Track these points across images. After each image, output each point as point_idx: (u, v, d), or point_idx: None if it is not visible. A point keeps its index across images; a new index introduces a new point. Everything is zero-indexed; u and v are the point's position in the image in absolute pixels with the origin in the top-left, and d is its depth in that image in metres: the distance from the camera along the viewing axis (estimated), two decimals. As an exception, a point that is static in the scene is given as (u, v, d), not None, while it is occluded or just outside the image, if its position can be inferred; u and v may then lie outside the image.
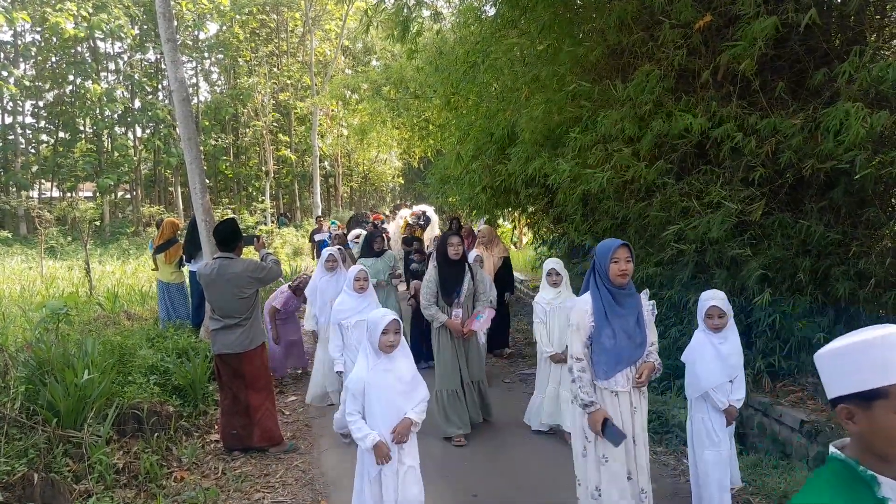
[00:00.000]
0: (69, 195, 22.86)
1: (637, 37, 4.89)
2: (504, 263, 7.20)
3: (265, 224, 22.38)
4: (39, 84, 24.59)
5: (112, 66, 27.03)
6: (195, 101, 26.09)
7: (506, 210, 8.92)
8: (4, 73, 22.57)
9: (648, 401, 3.16)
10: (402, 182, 29.15)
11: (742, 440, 4.39)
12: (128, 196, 27.86)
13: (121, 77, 26.19)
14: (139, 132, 26.70)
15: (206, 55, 27.93)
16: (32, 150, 25.45)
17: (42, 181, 25.89)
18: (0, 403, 3.74)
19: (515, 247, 15.14)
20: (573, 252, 7.12)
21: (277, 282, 6.00)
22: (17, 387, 4.00)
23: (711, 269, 4.69)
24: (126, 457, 4.03)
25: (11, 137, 23.76)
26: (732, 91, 4.42)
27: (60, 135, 25.13)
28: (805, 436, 3.93)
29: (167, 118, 24.09)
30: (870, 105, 3.69)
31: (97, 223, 21.20)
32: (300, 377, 6.61)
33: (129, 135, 26.89)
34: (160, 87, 26.85)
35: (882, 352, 1.15)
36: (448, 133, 10.81)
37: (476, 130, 7.85)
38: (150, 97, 26.06)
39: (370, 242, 6.96)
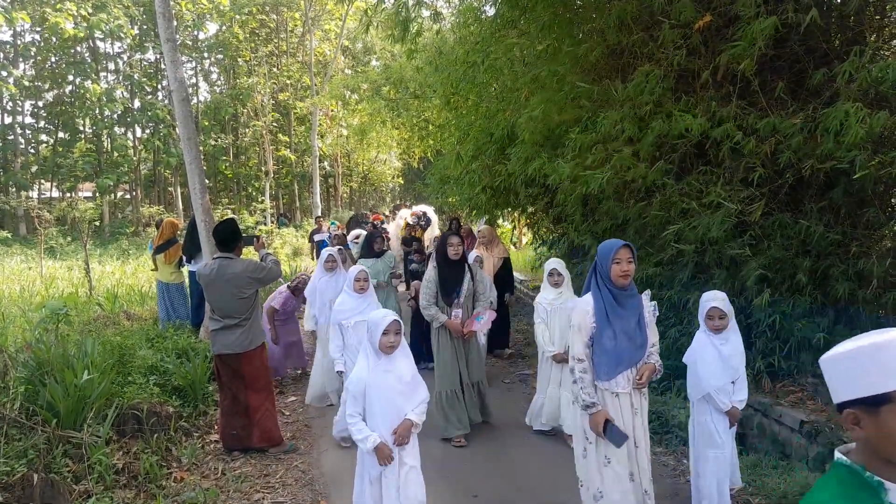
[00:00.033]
0: (69, 195, 22.90)
1: (637, 37, 4.88)
2: (504, 264, 7.20)
3: (265, 224, 22.39)
4: (39, 84, 24.55)
5: (112, 66, 27.03)
6: (195, 101, 26.06)
7: (505, 210, 8.92)
8: (4, 73, 22.54)
9: (648, 401, 3.16)
10: (402, 182, 29.11)
11: (742, 440, 4.38)
12: (127, 196, 27.82)
13: (120, 77, 26.16)
14: (139, 132, 26.67)
15: (206, 55, 27.91)
16: (32, 150, 25.43)
17: (42, 181, 25.86)
18: (0, 404, 3.74)
19: (515, 247, 15.12)
20: (573, 252, 7.11)
21: (277, 282, 6.00)
22: (17, 387, 4.00)
23: (711, 270, 4.69)
24: (126, 457, 4.03)
25: (11, 137, 23.73)
26: (732, 91, 4.42)
27: (60, 135, 25.11)
28: (805, 436, 3.93)
29: (167, 118, 24.06)
30: (869, 105, 3.69)
31: (97, 223, 21.22)
32: (300, 377, 6.61)
33: (129, 135, 26.87)
34: (160, 87, 26.81)
35: (889, 356, 1.13)
36: (448, 133, 10.79)
37: (476, 130, 7.84)
38: (150, 97, 26.03)
39: (370, 243, 6.96)
